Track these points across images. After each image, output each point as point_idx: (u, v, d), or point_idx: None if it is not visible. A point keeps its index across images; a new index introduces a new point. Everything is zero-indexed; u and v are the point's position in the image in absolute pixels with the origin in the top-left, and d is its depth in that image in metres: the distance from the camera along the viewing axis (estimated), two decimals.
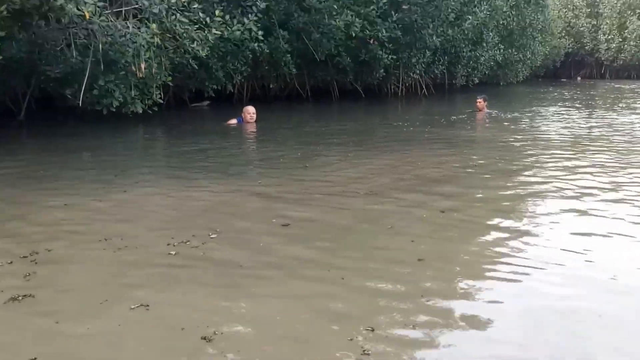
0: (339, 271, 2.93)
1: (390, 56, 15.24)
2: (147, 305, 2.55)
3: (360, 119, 11.78)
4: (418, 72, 17.90)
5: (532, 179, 5.09)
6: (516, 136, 8.20)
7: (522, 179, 5.15)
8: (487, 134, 8.98)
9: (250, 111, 9.84)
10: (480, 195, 4.53)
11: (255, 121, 9.85)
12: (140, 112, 9.43)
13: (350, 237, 3.51)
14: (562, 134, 8.40)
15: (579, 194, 4.51)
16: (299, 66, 14.91)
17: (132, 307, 2.54)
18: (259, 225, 3.73)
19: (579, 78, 40.48)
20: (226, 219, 3.88)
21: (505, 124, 10.14)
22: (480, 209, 4.09)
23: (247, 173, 5.66)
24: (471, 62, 20.82)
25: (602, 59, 40.38)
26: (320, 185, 4.95)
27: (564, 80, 39.19)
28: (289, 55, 13.77)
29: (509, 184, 4.93)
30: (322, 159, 6.38)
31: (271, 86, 16.00)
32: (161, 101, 9.92)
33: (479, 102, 12.06)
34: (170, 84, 10.04)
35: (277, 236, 3.47)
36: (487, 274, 2.91)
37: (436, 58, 18.76)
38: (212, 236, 3.49)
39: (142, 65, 8.40)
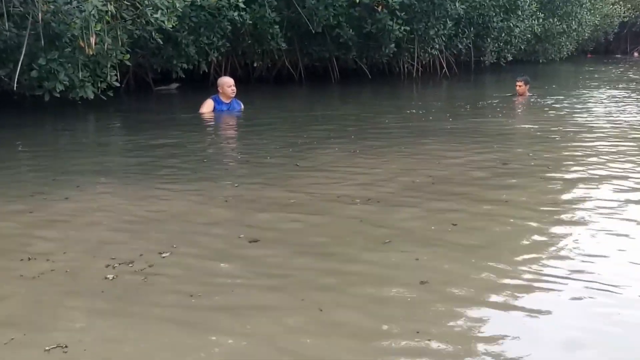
0: (315, 302, 2.87)
1: (402, 27, 15.19)
2: (65, 347, 2.49)
3: (366, 105, 11.72)
4: (437, 47, 17.87)
5: (580, 189, 4.97)
6: (560, 128, 8.13)
7: (564, 185, 5.05)
8: (524, 125, 8.91)
9: (230, 83, 9.66)
10: (503, 207, 4.44)
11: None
12: (92, 97, 9.37)
13: (334, 257, 3.45)
14: (618, 126, 8.30)
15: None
16: (289, 40, 14.89)
17: (47, 348, 2.48)
18: (222, 241, 3.70)
19: (635, 54, 40.43)
20: (186, 233, 3.86)
21: (547, 111, 10.09)
22: (501, 224, 4.02)
23: (223, 174, 5.62)
24: (503, 35, 20.78)
25: None
26: (311, 189, 4.91)
27: (619, 56, 39.20)
28: (277, 26, 13.72)
29: (543, 193, 4.84)
30: (317, 156, 6.34)
31: (255, 65, 15.99)
32: (118, 84, 9.85)
33: (519, 84, 12.04)
34: (129, 63, 9.95)
35: (237, 259, 3.40)
36: (498, 304, 2.85)
37: (460, 30, 18.74)
38: (163, 255, 3.45)
39: (93, 40, 8.31)
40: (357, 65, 17.32)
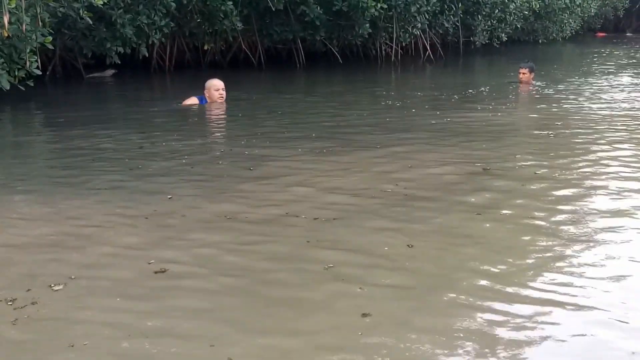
0: (225, 348, 2.83)
1: (379, 4, 15.18)
2: None
3: (335, 95, 11.68)
4: (419, 26, 17.96)
5: (568, 204, 5.00)
6: (557, 124, 8.19)
7: (548, 199, 5.04)
8: (517, 120, 8.98)
9: (218, 86, 9.78)
10: (474, 224, 4.43)
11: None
12: (7, 88, 9.20)
13: (256, 291, 3.41)
14: (624, 123, 8.37)
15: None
16: (246, 19, 14.83)
17: None
18: (127, 270, 3.66)
19: (628, 33, 40.97)
20: (90, 259, 3.82)
21: (545, 103, 10.17)
22: (466, 247, 3.99)
23: (158, 182, 5.54)
24: (496, 11, 20.96)
25: None
26: (258, 202, 4.90)
27: (630, 34, 39.71)
28: (230, 2, 13.66)
29: (522, 208, 4.84)
30: (274, 158, 6.33)
31: (206, 48, 15.85)
32: (39, 72, 9.67)
33: (524, 72, 12.12)
34: (52, 46, 9.79)
35: (132, 298, 3.33)
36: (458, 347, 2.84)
37: (446, 5, 18.85)
38: (56, 288, 3.40)
39: (6, 19, 8.15)
40: (326, 48, 17.30)
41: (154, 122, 8.65)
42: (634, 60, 19.49)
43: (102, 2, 9.44)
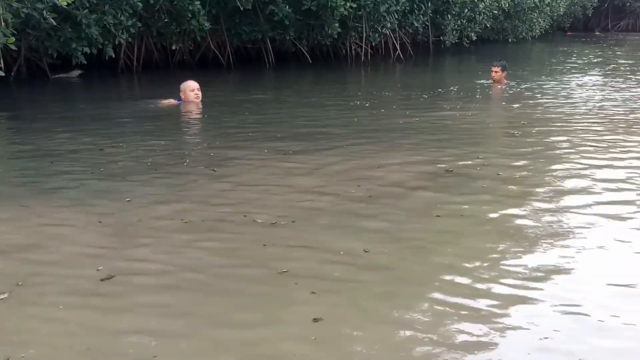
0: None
1: (348, 3, 15.19)
2: None
3: (303, 95, 11.70)
4: (389, 25, 18.00)
5: (525, 208, 5.01)
6: (525, 123, 8.25)
7: (506, 201, 5.07)
8: (485, 119, 9.02)
9: (192, 86, 10.02)
10: (434, 225, 4.46)
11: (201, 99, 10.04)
12: None
13: (207, 298, 3.39)
14: (591, 122, 8.44)
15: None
16: (215, 19, 14.78)
17: None
18: (72, 280, 3.60)
19: (597, 32, 41.44)
20: (39, 265, 3.78)
21: (514, 102, 10.25)
22: (421, 250, 4.01)
23: (120, 183, 5.50)
24: (466, 11, 21.07)
25: None
26: (217, 204, 4.89)
27: (598, 33, 40.11)
28: (198, 2, 13.58)
29: (480, 214, 4.84)
30: (239, 159, 6.33)
31: (174, 48, 15.74)
32: (2, 73, 9.51)
33: (496, 70, 12.18)
34: (14, 47, 9.64)
35: (79, 307, 3.30)
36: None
37: (415, 5, 18.87)
38: (0, 297, 3.36)
39: None
40: (296, 48, 17.26)
41: (120, 123, 8.57)
42: (602, 59, 19.67)
43: (66, 3, 9.30)
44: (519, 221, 4.47)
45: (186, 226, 4.41)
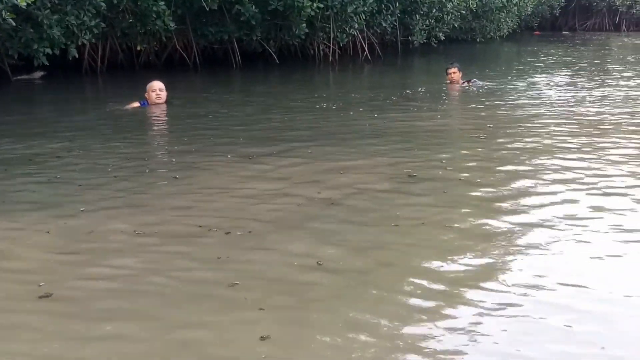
0: None
1: (315, 4, 15.15)
2: None
3: (270, 97, 11.61)
4: (357, 26, 17.98)
5: (479, 214, 4.99)
6: (488, 126, 8.26)
7: (465, 207, 5.03)
8: (451, 121, 9.04)
9: (154, 87, 9.89)
10: (391, 236, 4.35)
11: (166, 101, 9.93)
12: None
13: (154, 313, 3.28)
14: (558, 122, 8.47)
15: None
16: (180, 19, 14.69)
17: None
18: (11, 292, 3.50)
19: (564, 31, 41.95)
20: None
21: (480, 103, 10.27)
22: (372, 267, 3.87)
23: (77, 192, 5.36)
24: (434, 11, 21.13)
25: (617, 3, 41.99)
26: (175, 215, 4.76)
27: (566, 33, 40.56)
28: (163, 2, 13.47)
29: (448, 210, 4.85)
30: (203, 166, 6.23)
31: (139, 49, 15.60)
32: None
33: (454, 71, 12.26)
34: None
35: (18, 326, 3.18)
36: None
37: (383, 5, 18.86)
38: None
39: None
40: (263, 49, 17.17)
41: (82, 127, 8.42)
42: (569, 59, 19.83)
43: (25, 3, 9.14)
44: (480, 226, 4.43)
45: (137, 238, 4.28)
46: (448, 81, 12.35)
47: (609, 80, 13.47)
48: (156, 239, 4.27)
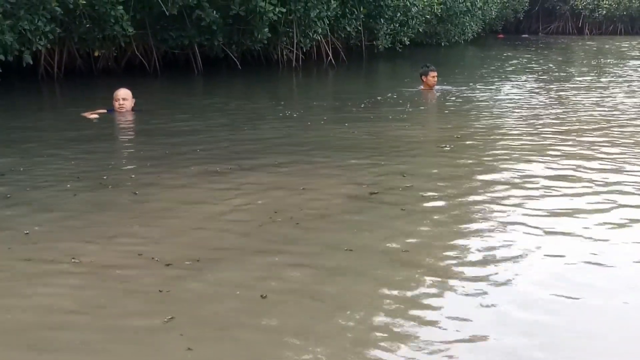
0: None
1: (277, 8, 15.02)
2: None
3: (233, 106, 11.37)
4: (320, 30, 17.86)
5: (438, 231, 4.92)
6: (453, 135, 8.17)
7: (442, 216, 4.98)
8: (418, 130, 8.95)
9: (117, 96, 9.80)
10: (347, 262, 4.12)
11: (134, 108, 9.84)
12: None
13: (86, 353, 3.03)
14: (524, 131, 8.43)
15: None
16: (139, 24, 14.46)
17: None
18: None
19: (526, 35, 42.49)
20: None
21: (450, 110, 10.26)
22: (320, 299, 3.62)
23: (24, 214, 5.06)
24: (398, 15, 21.09)
25: (580, 7, 42.55)
26: (125, 241, 4.48)
27: (525, 36, 41.13)
28: (121, 7, 13.21)
29: (404, 230, 4.72)
30: (162, 183, 5.99)
31: (97, 54, 15.33)
32: None
33: (435, 75, 12.21)
34: None
35: None
36: None
37: (347, 9, 18.78)
38: None
39: None
40: (224, 54, 16.95)
41: (36, 138, 8.11)
42: (533, 64, 19.98)
43: None
44: (441, 248, 4.30)
45: (74, 267, 3.97)
46: (422, 86, 12.25)
47: (571, 85, 13.58)
48: (92, 269, 3.94)
